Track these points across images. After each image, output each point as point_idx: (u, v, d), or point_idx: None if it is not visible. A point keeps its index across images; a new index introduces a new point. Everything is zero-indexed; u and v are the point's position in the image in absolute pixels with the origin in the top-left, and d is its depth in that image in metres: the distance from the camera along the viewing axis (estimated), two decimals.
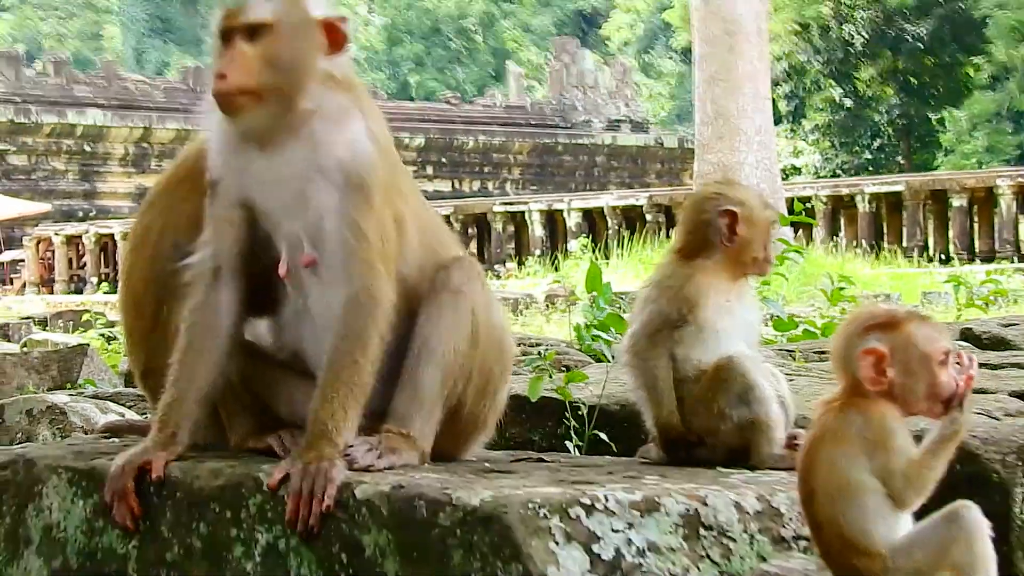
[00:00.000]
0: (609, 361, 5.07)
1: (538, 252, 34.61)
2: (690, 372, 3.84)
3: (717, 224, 3.88)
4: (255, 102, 3.61)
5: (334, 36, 3.70)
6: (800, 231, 27.93)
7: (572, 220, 35.25)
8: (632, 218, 34.82)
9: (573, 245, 32.17)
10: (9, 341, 17.50)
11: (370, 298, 3.57)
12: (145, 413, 5.65)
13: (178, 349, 3.75)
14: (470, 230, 37.09)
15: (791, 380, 4.25)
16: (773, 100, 25.86)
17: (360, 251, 3.58)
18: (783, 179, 27.42)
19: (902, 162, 61.41)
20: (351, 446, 3.52)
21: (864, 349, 3.13)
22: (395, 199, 3.70)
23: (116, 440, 4.28)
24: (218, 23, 3.68)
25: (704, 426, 3.82)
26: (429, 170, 56.84)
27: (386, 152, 3.70)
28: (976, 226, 33.63)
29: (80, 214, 49.00)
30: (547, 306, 20.18)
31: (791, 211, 18.84)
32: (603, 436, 4.43)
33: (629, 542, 3.19)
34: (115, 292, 34.20)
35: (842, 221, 33.78)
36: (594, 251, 28.21)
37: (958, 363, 3.16)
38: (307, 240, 3.65)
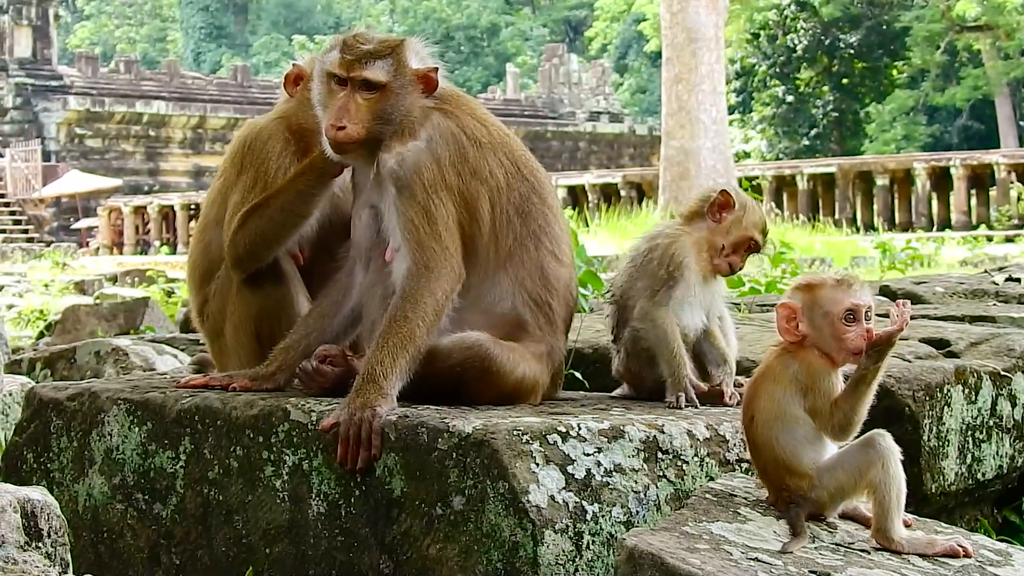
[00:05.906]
0: (586, 312, 5.03)
1: None
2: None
3: (712, 199, 3.80)
4: (360, 146, 3.60)
5: (428, 83, 3.67)
6: None
7: (559, 195, 35.12)
8: (609, 193, 34.81)
9: None
10: (85, 294, 17.47)
11: (423, 267, 3.50)
12: (195, 354, 5.65)
13: (311, 310, 3.82)
14: None
15: (737, 328, 4.21)
16: (727, 95, 25.79)
17: (408, 233, 3.52)
18: (735, 161, 27.38)
19: (834, 148, 61.33)
20: None
21: (779, 304, 3.11)
22: (460, 187, 3.60)
23: (184, 374, 4.28)
24: (335, 65, 3.61)
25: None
26: None
27: (441, 157, 3.60)
28: (896, 201, 33.66)
29: (145, 188, 49.14)
30: None
31: (741, 188, 18.84)
32: (578, 375, 4.41)
33: (598, 464, 3.19)
34: (174, 254, 34.23)
35: (784, 197, 33.75)
36: (577, 221, 28.11)
37: (885, 315, 3.12)
38: (391, 230, 3.61)
